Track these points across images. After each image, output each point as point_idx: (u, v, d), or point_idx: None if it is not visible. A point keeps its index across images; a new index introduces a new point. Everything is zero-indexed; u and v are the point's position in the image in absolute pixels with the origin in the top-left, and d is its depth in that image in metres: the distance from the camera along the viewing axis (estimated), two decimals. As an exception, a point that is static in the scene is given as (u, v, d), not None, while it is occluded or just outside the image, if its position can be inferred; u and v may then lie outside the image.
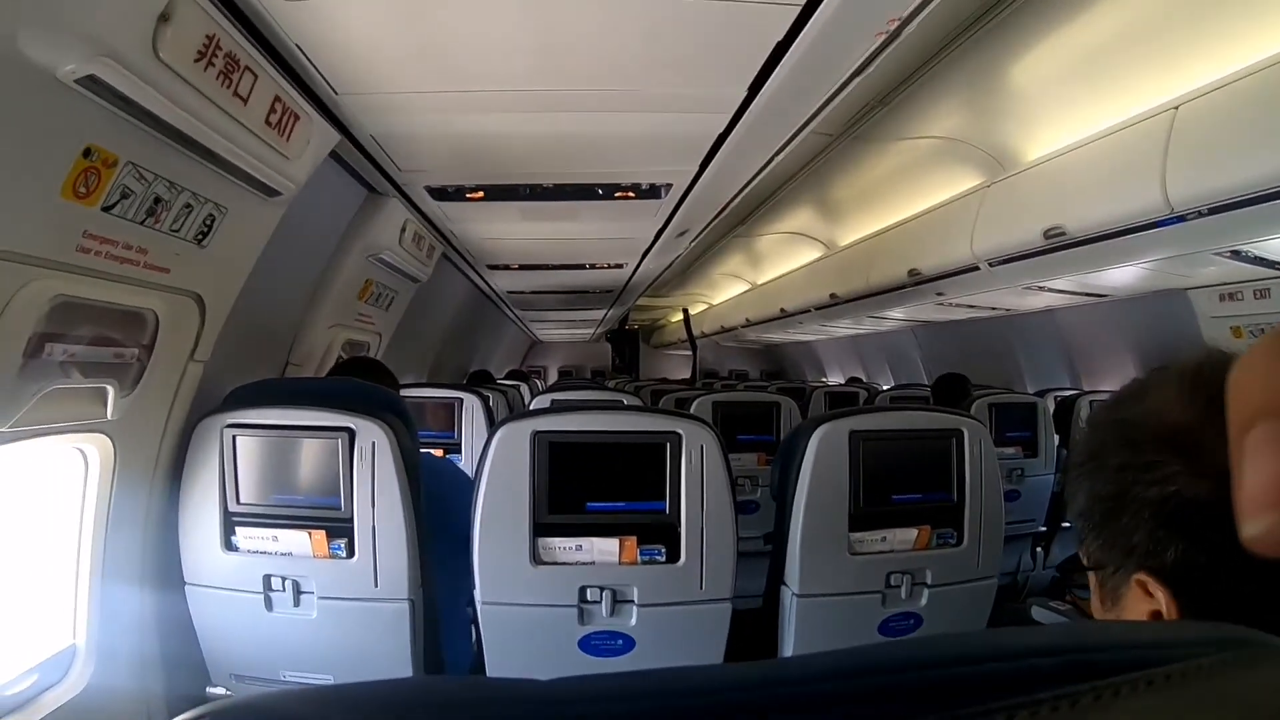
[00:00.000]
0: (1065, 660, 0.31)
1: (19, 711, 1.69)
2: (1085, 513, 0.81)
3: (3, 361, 1.40)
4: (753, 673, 0.31)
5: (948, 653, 0.31)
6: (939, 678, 0.30)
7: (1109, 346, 5.22)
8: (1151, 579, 0.72)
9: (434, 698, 0.31)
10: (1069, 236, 3.17)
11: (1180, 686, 0.30)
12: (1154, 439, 0.73)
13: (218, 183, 1.81)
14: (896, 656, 0.31)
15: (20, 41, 1.15)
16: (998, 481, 2.23)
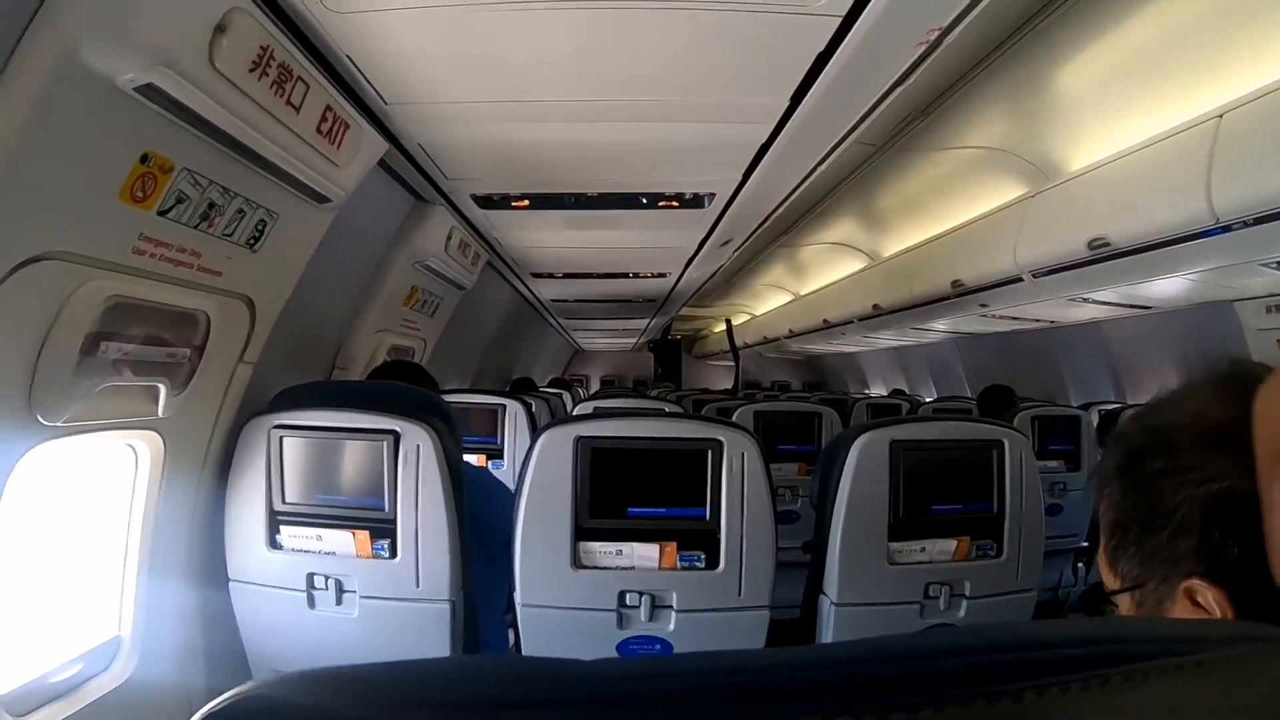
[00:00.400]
0: (1097, 650, 0.31)
1: (64, 698, 1.73)
2: (1119, 527, 0.79)
3: (59, 358, 1.45)
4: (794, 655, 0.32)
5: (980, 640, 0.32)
6: (975, 663, 0.31)
7: (1154, 359, 5.11)
8: (1204, 583, 0.70)
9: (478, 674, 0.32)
10: (1113, 247, 3.11)
11: (1205, 673, 0.31)
12: (1196, 439, 0.72)
13: (270, 189, 1.86)
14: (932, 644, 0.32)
15: (82, 51, 1.20)
16: (1039, 494, 2.20)
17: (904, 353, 9.22)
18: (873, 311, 6.09)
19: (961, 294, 4.60)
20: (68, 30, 1.18)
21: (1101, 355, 5.58)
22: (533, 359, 10.60)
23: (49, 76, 1.19)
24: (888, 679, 0.30)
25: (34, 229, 1.32)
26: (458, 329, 4.63)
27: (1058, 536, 3.83)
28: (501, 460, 3.88)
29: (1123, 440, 0.80)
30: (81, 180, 1.35)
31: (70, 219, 1.37)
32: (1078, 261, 3.39)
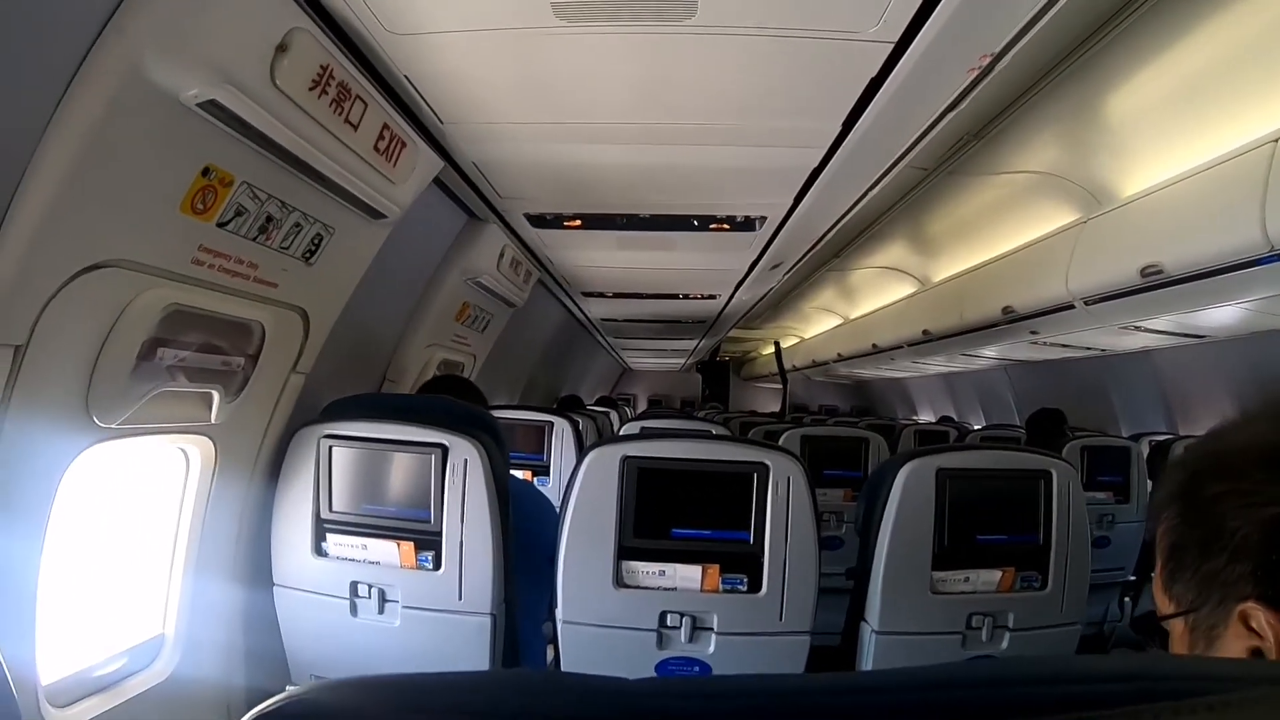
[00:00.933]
0: (1133, 687, 0.31)
1: (107, 691, 1.77)
2: (1177, 551, 0.78)
3: (116, 363, 1.49)
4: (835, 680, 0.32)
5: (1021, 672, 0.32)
6: (1011, 696, 0.31)
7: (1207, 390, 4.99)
8: (1259, 606, 0.69)
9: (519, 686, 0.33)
10: (1166, 275, 3.04)
11: (1238, 712, 0.30)
12: (1257, 463, 0.71)
13: (326, 204, 1.90)
14: (974, 674, 0.32)
15: (147, 67, 1.24)
16: (1085, 526, 2.15)
17: (953, 379, 9.11)
18: (922, 337, 6.02)
19: (1012, 320, 4.53)
20: (133, 46, 1.22)
21: (1153, 385, 5.47)
22: (581, 377, 10.65)
23: (114, 91, 1.23)
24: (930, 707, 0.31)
25: (97, 237, 1.37)
26: (507, 345, 4.67)
27: (1104, 569, 3.76)
28: (547, 477, 3.89)
29: (1183, 465, 0.80)
30: (144, 191, 1.40)
31: (132, 228, 1.42)
32: (1130, 289, 3.32)
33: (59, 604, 1.63)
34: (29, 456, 1.40)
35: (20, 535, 1.42)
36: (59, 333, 1.37)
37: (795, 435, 4.04)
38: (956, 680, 0.32)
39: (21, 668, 1.45)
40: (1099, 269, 3.54)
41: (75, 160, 1.24)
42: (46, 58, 1.18)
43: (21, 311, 1.30)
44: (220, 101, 1.34)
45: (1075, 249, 3.72)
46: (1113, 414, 5.93)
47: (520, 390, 6.38)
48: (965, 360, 6.88)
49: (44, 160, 1.22)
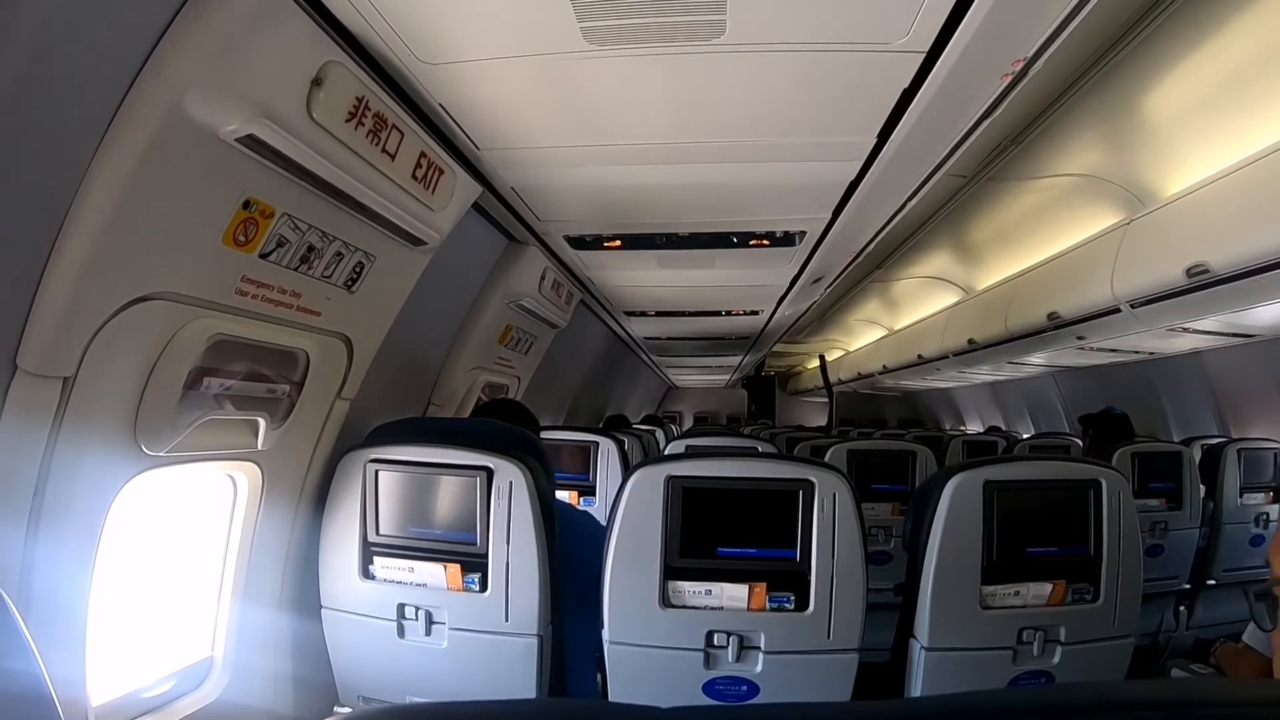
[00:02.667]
0: (1167, 715, 0.31)
1: (156, 712, 1.80)
2: None
3: (163, 392, 1.53)
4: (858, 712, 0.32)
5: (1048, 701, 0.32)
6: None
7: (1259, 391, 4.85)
8: None
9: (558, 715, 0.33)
10: (1212, 274, 2.96)
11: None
12: None
13: (367, 233, 1.93)
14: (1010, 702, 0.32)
15: (187, 104, 1.28)
16: (1137, 536, 2.09)
17: (1000, 388, 8.97)
18: (968, 346, 5.95)
19: (1058, 326, 4.46)
20: (173, 84, 1.26)
21: (1204, 387, 5.33)
22: (626, 396, 10.67)
23: (156, 128, 1.27)
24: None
25: (141, 271, 1.41)
26: (552, 366, 4.70)
27: (1158, 579, 3.66)
28: (593, 497, 3.90)
29: None
30: (186, 225, 1.43)
31: (175, 261, 1.46)
32: (1177, 290, 3.24)
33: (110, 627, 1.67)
34: (79, 484, 1.44)
35: (72, 560, 1.46)
36: (106, 364, 1.41)
37: (841, 450, 4.00)
38: (987, 709, 0.32)
39: (72, 689, 1.48)
40: (1144, 271, 3.47)
41: (119, 196, 1.28)
42: (89, 97, 1.22)
43: (70, 344, 1.33)
44: (258, 136, 1.37)
45: (1119, 251, 3.65)
46: (1163, 418, 5.79)
47: (565, 411, 6.41)
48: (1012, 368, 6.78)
49: (89, 196, 1.26)
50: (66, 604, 1.46)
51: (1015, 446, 5.54)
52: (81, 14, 1.12)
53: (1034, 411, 8.46)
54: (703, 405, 16.18)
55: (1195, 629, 3.94)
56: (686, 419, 15.88)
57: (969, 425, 11.00)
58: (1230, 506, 3.92)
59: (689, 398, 16.16)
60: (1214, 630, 3.72)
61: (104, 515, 1.51)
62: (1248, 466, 3.94)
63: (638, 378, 10.68)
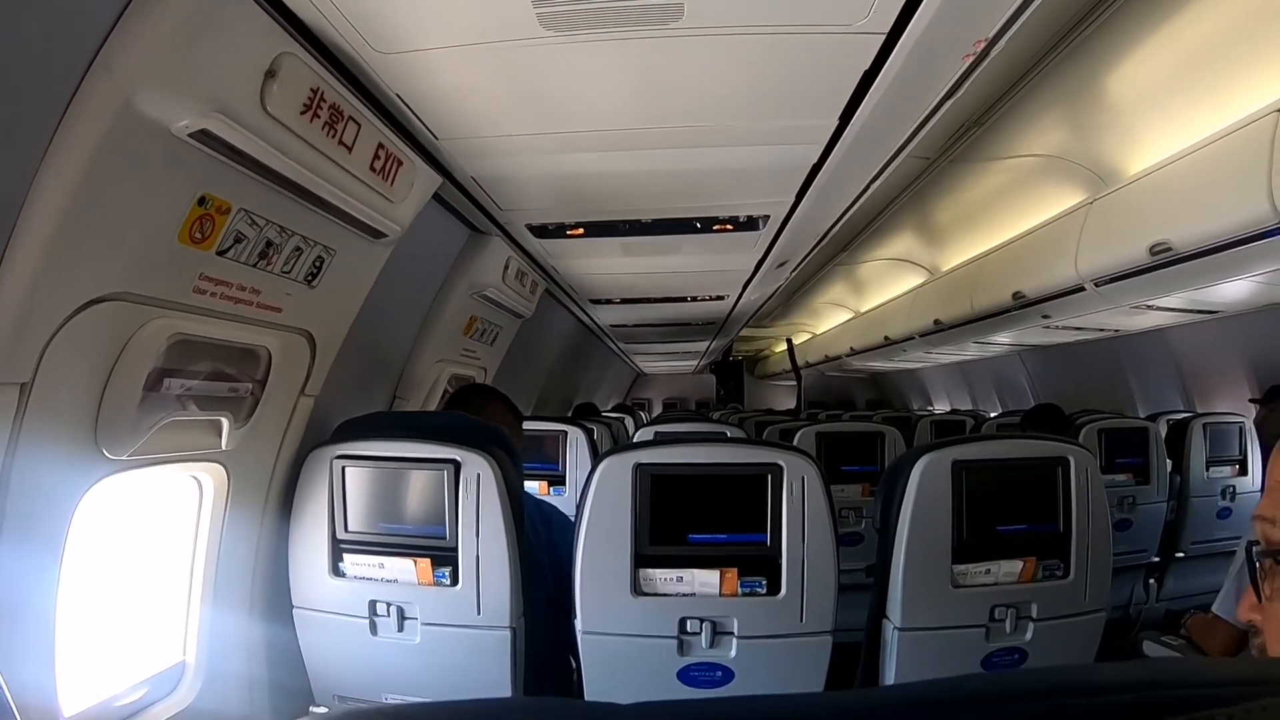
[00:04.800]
0: (1139, 697, 0.31)
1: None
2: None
3: (123, 395, 1.50)
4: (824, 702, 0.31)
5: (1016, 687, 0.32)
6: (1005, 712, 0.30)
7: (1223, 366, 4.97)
8: None
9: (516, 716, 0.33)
10: (1175, 252, 3.01)
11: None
12: None
13: (326, 226, 1.91)
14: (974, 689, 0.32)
15: (137, 100, 1.25)
16: (1105, 511, 2.13)
17: (967, 367, 9.07)
18: (933, 327, 6.00)
19: (1023, 306, 4.51)
20: (122, 81, 1.23)
21: (1169, 364, 5.44)
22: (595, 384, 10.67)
23: (106, 125, 1.24)
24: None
25: (96, 272, 1.38)
26: (518, 357, 4.68)
27: (1127, 553, 3.74)
28: (563, 487, 3.90)
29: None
30: (141, 224, 1.41)
31: (131, 261, 1.43)
32: (1140, 268, 3.29)
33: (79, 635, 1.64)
34: (40, 491, 1.41)
35: (36, 570, 1.43)
36: (64, 368, 1.38)
37: (810, 433, 4.03)
38: (953, 697, 0.31)
39: (43, 700, 1.46)
40: (1108, 250, 3.52)
41: (71, 197, 1.25)
42: (36, 97, 1.18)
43: (25, 349, 1.30)
44: (211, 130, 1.34)
45: (1083, 231, 3.70)
46: (1129, 395, 5.89)
47: (534, 401, 6.39)
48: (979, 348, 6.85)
49: (39, 198, 1.23)
50: (32, 614, 1.44)
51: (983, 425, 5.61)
52: (25, 12, 1.09)
53: (1001, 390, 8.56)
54: (671, 391, 16.22)
55: (1165, 601, 4.03)
56: (656, 405, 15.91)
57: (936, 405, 11.12)
58: (1197, 480, 4.02)
59: (657, 384, 16.18)
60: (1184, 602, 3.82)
61: (67, 522, 1.48)
62: (1213, 440, 4.04)
63: (606, 366, 10.69)
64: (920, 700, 0.31)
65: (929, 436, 5.37)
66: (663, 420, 4.83)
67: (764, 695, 0.33)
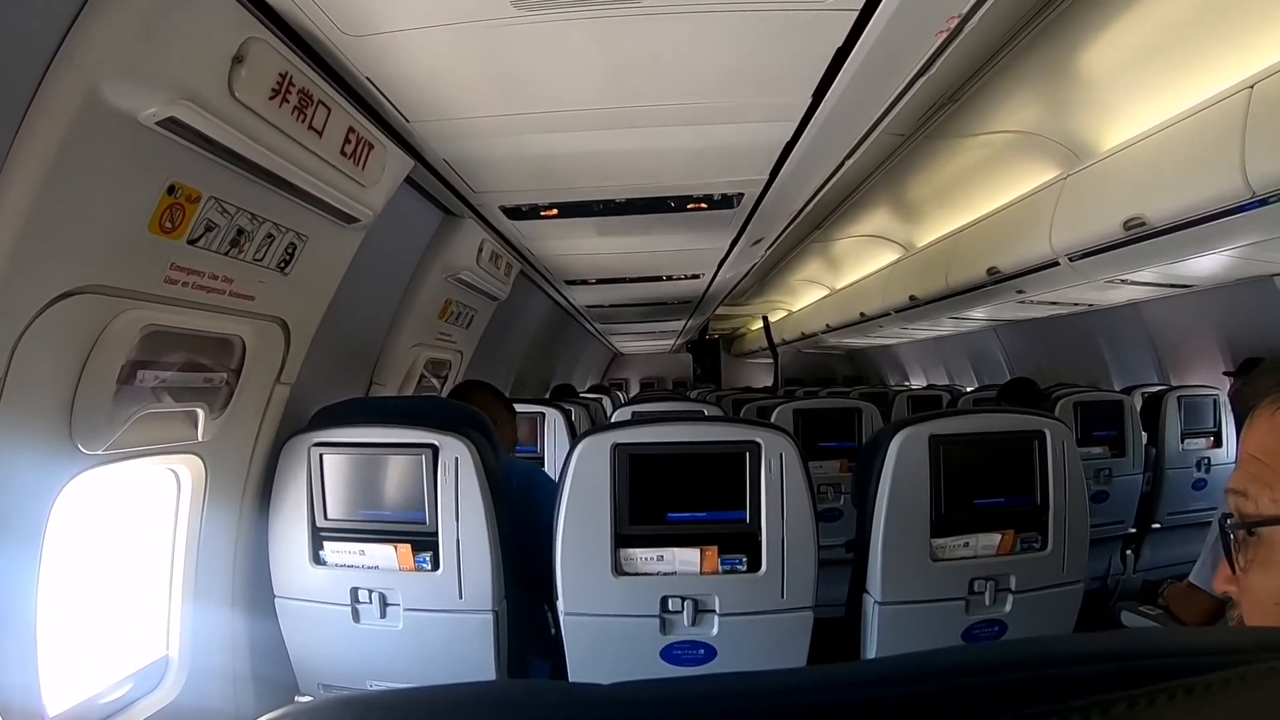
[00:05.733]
0: (1112, 667, 0.31)
1: (115, 717, 1.77)
2: None
3: (97, 389, 1.49)
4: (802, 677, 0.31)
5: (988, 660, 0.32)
6: (977, 685, 0.30)
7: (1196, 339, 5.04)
8: None
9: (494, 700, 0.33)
10: (1149, 227, 3.05)
11: (1220, 695, 0.30)
12: None
13: (298, 212, 1.89)
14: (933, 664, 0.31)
15: (103, 90, 1.23)
16: (1082, 483, 2.16)
17: (943, 343, 9.13)
18: (909, 303, 6.03)
19: (998, 281, 4.55)
20: (87, 71, 1.21)
21: (1143, 337, 5.50)
22: (572, 365, 10.65)
23: (72, 116, 1.22)
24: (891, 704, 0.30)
25: (67, 264, 1.36)
26: (495, 339, 4.66)
27: (1104, 524, 3.79)
28: (542, 468, 3.90)
29: None
30: (110, 215, 1.38)
31: (101, 253, 1.41)
32: (1114, 243, 3.33)
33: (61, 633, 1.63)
34: (17, 489, 1.40)
35: (15, 568, 1.42)
36: (36, 364, 1.36)
37: (788, 410, 4.03)
38: (922, 672, 0.31)
39: (27, 699, 1.45)
40: (1082, 225, 3.55)
41: (38, 189, 1.23)
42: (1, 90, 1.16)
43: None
44: (179, 118, 1.33)
45: (1057, 206, 3.73)
46: (1104, 368, 5.96)
47: (511, 383, 6.36)
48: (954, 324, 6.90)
49: (7, 192, 1.21)
50: (13, 613, 1.43)
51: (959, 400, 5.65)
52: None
53: (977, 365, 8.63)
54: (648, 371, 16.22)
55: (1142, 572, 4.09)
56: (633, 385, 15.91)
57: (913, 380, 11.20)
58: (1172, 452, 4.06)
59: (634, 364, 16.18)
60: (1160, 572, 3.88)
61: (45, 519, 1.47)
62: (1188, 413, 4.09)
63: (583, 347, 10.67)
64: (901, 673, 0.31)
65: (906, 412, 5.42)
66: (640, 400, 4.83)
67: (745, 672, 0.33)
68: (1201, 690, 0.29)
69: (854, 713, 0.30)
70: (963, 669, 0.31)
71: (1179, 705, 0.29)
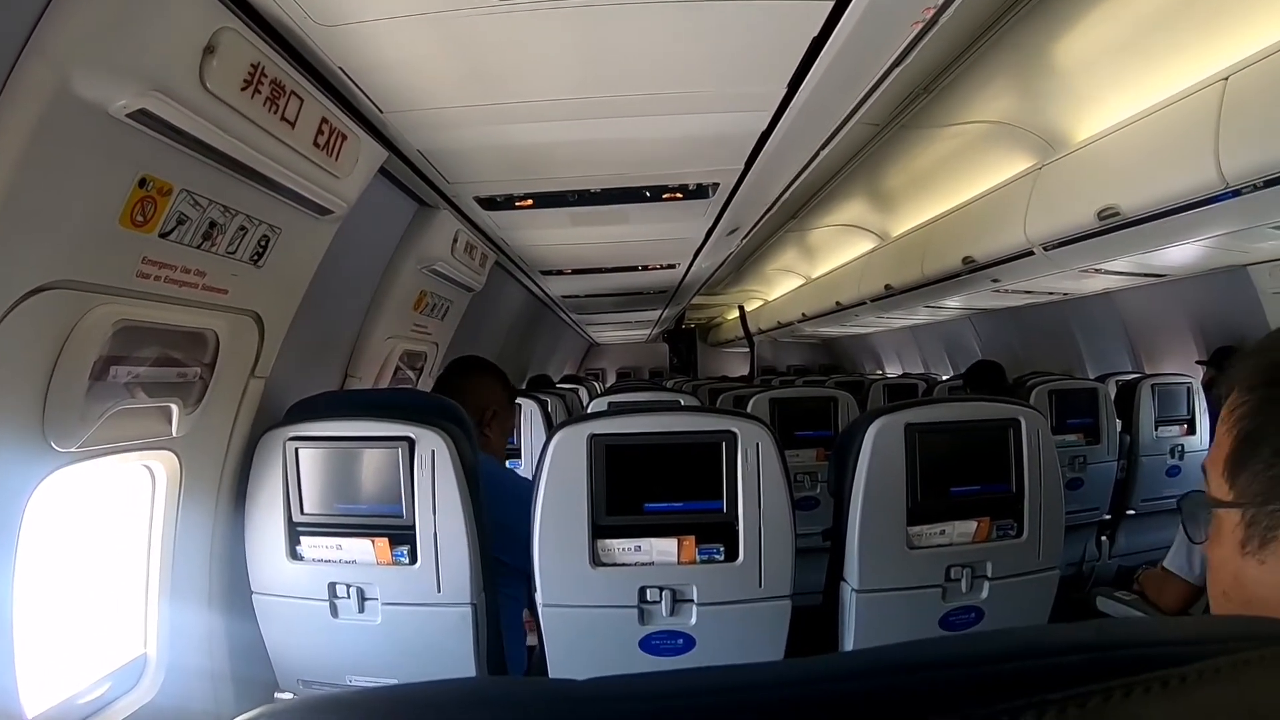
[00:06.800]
0: (1089, 659, 0.31)
1: (92, 717, 1.75)
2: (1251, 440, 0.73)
3: (69, 386, 1.46)
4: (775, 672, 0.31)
5: (962, 652, 0.32)
6: (951, 678, 0.30)
7: (1169, 328, 5.11)
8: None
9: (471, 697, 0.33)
10: (1123, 217, 3.09)
11: (1194, 687, 0.30)
12: None
13: (271, 205, 1.87)
14: (910, 657, 0.31)
15: (73, 82, 1.21)
16: (1057, 471, 2.18)
17: (918, 331, 9.20)
18: (884, 292, 6.08)
19: (973, 270, 4.60)
20: (57, 62, 1.19)
21: (1117, 326, 5.56)
22: (548, 356, 10.63)
23: (42, 109, 1.20)
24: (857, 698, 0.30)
25: (37, 260, 1.34)
26: (470, 331, 4.64)
27: (1079, 511, 3.85)
28: (518, 459, 3.90)
29: (1265, 350, 0.76)
30: (81, 209, 1.36)
31: (72, 247, 1.38)
32: (1088, 232, 3.38)
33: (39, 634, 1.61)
34: None
35: (-11, 570, 1.40)
36: (7, 361, 1.34)
37: (764, 399, 4.05)
38: (892, 665, 0.31)
39: (4, 702, 1.43)
40: (1056, 214, 3.59)
41: (7, 184, 1.21)
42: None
43: None
44: (150, 110, 1.30)
45: (1032, 196, 3.77)
46: (1079, 356, 6.03)
47: (487, 375, 6.33)
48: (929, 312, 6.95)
49: (-26, 187, 1.19)
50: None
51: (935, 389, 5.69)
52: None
53: (952, 353, 8.70)
54: (625, 361, 16.22)
55: (1117, 557, 4.16)
56: (609, 375, 15.91)
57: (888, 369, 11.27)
58: (1146, 439, 4.13)
59: (611, 354, 16.18)
60: (1135, 558, 3.95)
61: (19, 519, 1.45)
62: (1161, 401, 4.15)
63: (559, 337, 10.65)
64: (877, 667, 0.32)
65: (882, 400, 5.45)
66: (616, 390, 4.83)
67: (719, 666, 0.33)
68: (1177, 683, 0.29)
69: (829, 707, 0.30)
70: (939, 661, 0.31)
71: (1154, 698, 0.29)
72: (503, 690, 0.33)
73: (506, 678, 2.04)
